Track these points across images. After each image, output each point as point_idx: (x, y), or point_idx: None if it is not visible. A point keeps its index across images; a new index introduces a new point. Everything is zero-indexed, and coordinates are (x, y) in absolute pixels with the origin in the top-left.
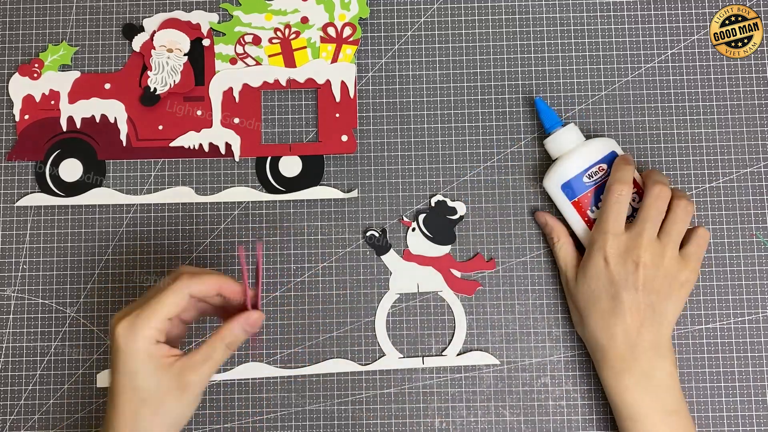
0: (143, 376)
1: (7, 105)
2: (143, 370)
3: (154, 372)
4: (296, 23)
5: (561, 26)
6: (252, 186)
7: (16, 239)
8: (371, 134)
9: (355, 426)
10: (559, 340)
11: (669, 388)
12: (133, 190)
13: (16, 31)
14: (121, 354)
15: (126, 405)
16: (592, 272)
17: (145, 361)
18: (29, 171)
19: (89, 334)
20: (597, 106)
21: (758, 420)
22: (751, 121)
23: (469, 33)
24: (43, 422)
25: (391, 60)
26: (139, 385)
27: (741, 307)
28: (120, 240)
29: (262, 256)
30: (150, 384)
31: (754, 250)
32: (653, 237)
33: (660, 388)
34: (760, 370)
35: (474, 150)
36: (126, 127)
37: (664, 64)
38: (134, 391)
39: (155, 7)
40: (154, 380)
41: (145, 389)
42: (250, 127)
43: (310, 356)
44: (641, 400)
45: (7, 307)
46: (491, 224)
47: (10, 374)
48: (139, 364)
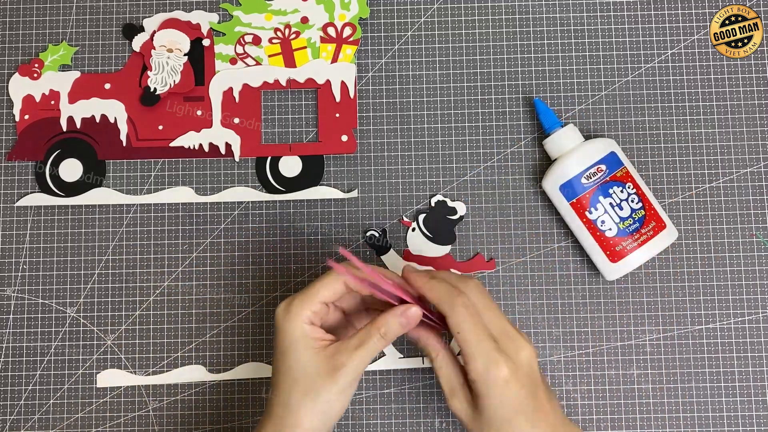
0: (296, 354)
1: (7, 105)
2: (296, 349)
3: (305, 351)
4: (296, 23)
5: (561, 26)
6: (252, 186)
7: (16, 239)
8: (371, 134)
9: (355, 426)
10: (559, 340)
11: None
12: (133, 190)
13: (16, 31)
14: (279, 333)
15: (281, 385)
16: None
17: (299, 340)
18: (29, 171)
19: (89, 334)
20: (597, 106)
21: (758, 420)
22: (751, 121)
23: (469, 33)
24: (43, 422)
25: (391, 60)
26: (291, 364)
27: (741, 307)
28: (120, 240)
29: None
30: (302, 363)
31: (754, 250)
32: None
33: None
34: (760, 370)
35: (474, 150)
36: (126, 127)
37: (664, 64)
38: (288, 371)
39: (155, 7)
40: (306, 359)
41: (297, 369)
42: (250, 127)
43: None
44: None
45: (7, 307)
46: (491, 224)
47: (10, 374)
48: (292, 342)
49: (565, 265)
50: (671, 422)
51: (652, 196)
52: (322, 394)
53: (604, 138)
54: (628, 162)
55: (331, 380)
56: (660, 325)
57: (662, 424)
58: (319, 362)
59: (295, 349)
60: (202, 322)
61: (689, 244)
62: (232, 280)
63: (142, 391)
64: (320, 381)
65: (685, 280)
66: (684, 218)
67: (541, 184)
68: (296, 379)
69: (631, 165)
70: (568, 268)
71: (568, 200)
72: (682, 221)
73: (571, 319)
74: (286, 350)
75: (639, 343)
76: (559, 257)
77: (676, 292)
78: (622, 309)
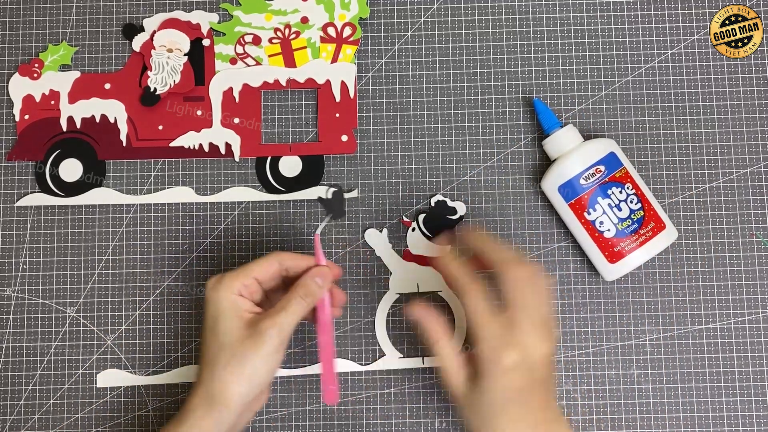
0: (223, 323)
1: (7, 105)
2: (224, 318)
3: (232, 320)
4: (296, 23)
5: (561, 26)
6: (252, 186)
7: (16, 239)
8: (371, 134)
9: (355, 426)
10: (559, 340)
11: None
12: (133, 190)
13: (16, 31)
14: (208, 304)
15: (208, 351)
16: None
17: (227, 309)
18: (29, 171)
19: (89, 334)
20: (597, 106)
21: (758, 420)
22: (751, 121)
23: (469, 33)
24: (43, 422)
25: (391, 60)
26: (219, 329)
27: (741, 307)
28: (120, 240)
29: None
30: (228, 330)
31: (754, 250)
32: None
33: None
34: (760, 370)
35: (474, 150)
36: (126, 127)
37: (664, 64)
38: (214, 337)
39: (155, 7)
40: (233, 327)
41: (224, 333)
42: (250, 127)
43: (310, 356)
44: None
45: (7, 307)
46: (491, 224)
47: (10, 374)
48: (221, 312)
49: (565, 265)
50: (671, 422)
51: (651, 197)
52: (248, 358)
53: (603, 138)
54: (627, 162)
55: (255, 345)
56: (660, 325)
57: (662, 424)
58: (245, 329)
59: (223, 318)
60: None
61: (689, 244)
62: None
63: (142, 391)
64: (245, 346)
65: (685, 280)
66: (684, 218)
67: (540, 184)
68: (222, 345)
69: (630, 165)
70: (568, 268)
71: (567, 201)
72: (682, 221)
73: (571, 319)
74: (214, 320)
75: (639, 343)
76: (559, 257)
77: (676, 292)
78: (622, 309)
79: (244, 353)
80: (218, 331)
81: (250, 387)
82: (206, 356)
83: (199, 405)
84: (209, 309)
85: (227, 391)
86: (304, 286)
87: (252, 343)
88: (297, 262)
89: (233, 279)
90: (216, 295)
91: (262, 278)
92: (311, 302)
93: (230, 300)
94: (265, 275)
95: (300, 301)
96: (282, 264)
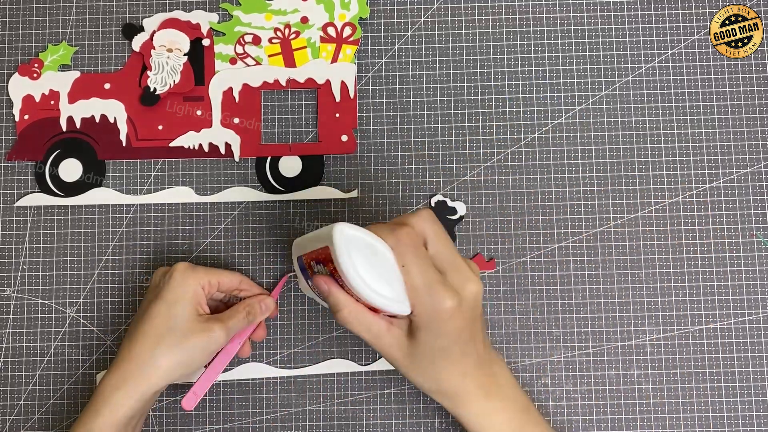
0: (182, 307)
1: (7, 105)
2: (184, 303)
3: (191, 309)
4: (296, 23)
5: (561, 26)
6: (252, 186)
7: (16, 239)
8: (371, 134)
9: (355, 426)
10: (559, 340)
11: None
12: (133, 190)
13: (16, 31)
14: (173, 283)
15: (154, 330)
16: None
17: (190, 296)
18: (29, 171)
19: (89, 334)
20: (597, 106)
21: (758, 420)
22: (751, 121)
23: (469, 33)
24: (43, 422)
25: (391, 60)
26: (175, 313)
27: (741, 307)
28: (120, 240)
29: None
30: (184, 315)
31: (754, 250)
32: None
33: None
34: (760, 370)
35: (474, 150)
36: (126, 127)
37: (664, 64)
38: (168, 318)
39: (155, 7)
40: (188, 315)
41: (178, 318)
42: (250, 127)
43: (310, 356)
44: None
45: (7, 307)
46: (491, 224)
47: (10, 374)
48: (183, 296)
49: (565, 265)
50: (671, 422)
51: None
52: (192, 347)
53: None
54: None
55: (203, 340)
56: (660, 325)
57: (662, 424)
58: (198, 322)
59: (183, 303)
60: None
61: (689, 244)
62: None
63: None
64: (193, 336)
65: (685, 280)
66: (684, 218)
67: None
68: (172, 328)
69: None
70: (568, 268)
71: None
72: (682, 221)
73: (571, 319)
74: (174, 300)
75: (639, 343)
76: (559, 257)
77: (676, 292)
78: (622, 309)
79: (194, 342)
80: (173, 313)
81: (181, 375)
82: (150, 332)
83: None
84: (173, 290)
85: (163, 371)
86: (251, 306)
87: (201, 337)
88: (252, 287)
89: (205, 273)
90: (183, 280)
91: (222, 286)
92: (251, 321)
93: (195, 290)
94: (226, 285)
95: (243, 318)
96: (241, 284)
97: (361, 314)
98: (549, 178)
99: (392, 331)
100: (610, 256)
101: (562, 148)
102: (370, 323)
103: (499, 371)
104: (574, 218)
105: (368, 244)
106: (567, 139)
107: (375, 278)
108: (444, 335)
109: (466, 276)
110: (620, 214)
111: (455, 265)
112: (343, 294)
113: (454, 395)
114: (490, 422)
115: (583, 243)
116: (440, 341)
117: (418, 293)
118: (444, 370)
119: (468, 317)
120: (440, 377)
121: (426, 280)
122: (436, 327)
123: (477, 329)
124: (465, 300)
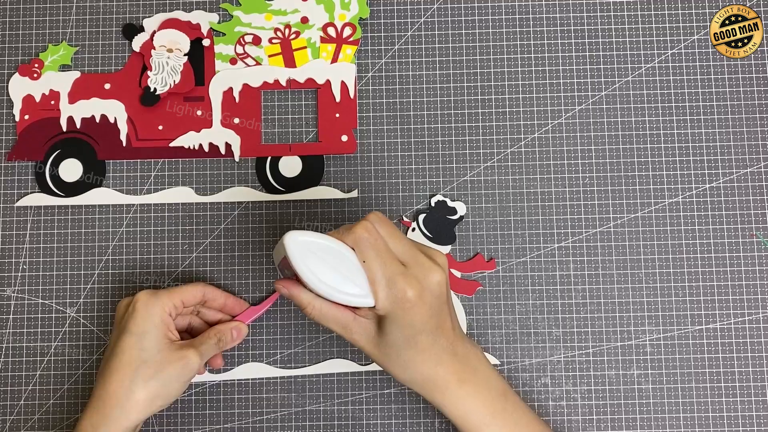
0: (152, 337)
1: (7, 105)
2: (154, 333)
3: (161, 338)
4: (296, 23)
5: (561, 26)
6: (252, 186)
7: (16, 239)
8: (371, 134)
9: (355, 426)
10: (559, 340)
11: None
12: (133, 190)
13: (16, 31)
14: (138, 315)
15: (127, 364)
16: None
17: (158, 326)
18: (29, 171)
19: (89, 334)
20: (597, 106)
21: (758, 420)
22: (751, 121)
23: (469, 33)
24: (43, 422)
25: (391, 60)
26: (146, 345)
27: (741, 307)
28: (120, 240)
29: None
30: (155, 346)
31: (754, 250)
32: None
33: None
34: (760, 370)
35: (474, 150)
36: (126, 127)
37: (664, 64)
38: (140, 351)
39: (155, 7)
40: (160, 345)
41: (150, 350)
42: (250, 127)
43: (310, 356)
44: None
45: (7, 307)
46: (491, 224)
47: (10, 374)
48: (152, 327)
49: (565, 265)
50: (671, 422)
51: None
52: (169, 377)
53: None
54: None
55: (178, 368)
56: (660, 325)
57: (662, 424)
58: (170, 351)
59: (152, 333)
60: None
61: (689, 244)
62: (232, 280)
63: None
64: (169, 366)
65: (685, 280)
66: (684, 218)
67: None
68: (146, 360)
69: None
70: (568, 268)
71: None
72: (682, 221)
73: (571, 319)
74: (142, 332)
75: (639, 343)
76: (559, 257)
77: (676, 292)
78: (622, 309)
79: (169, 372)
80: (144, 346)
81: (159, 406)
82: (123, 367)
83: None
84: (139, 322)
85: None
86: (222, 333)
87: (177, 366)
88: (217, 295)
89: (168, 297)
90: (150, 310)
91: (187, 302)
92: (221, 347)
93: (162, 317)
94: (191, 301)
95: (215, 345)
96: (205, 295)
97: (325, 308)
98: (549, 178)
99: (360, 322)
100: (610, 256)
101: (562, 148)
102: (336, 316)
103: (473, 357)
104: (574, 218)
105: (323, 246)
106: (567, 139)
107: (333, 276)
108: (409, 325)
109: (428, 267)
110: (620, 214)
111: (416, 258)
112: (304, 293)
113: (427, 383)
114: (465, 408)
115: (583, 243)
116: (406, 331)
117: (379, 286)
118: (414, 359)
119: (433, 305)
120: (411, 367)
121: (386, 273)
122: (401, 317)
123: (444, 317)
124: (428, 289)
